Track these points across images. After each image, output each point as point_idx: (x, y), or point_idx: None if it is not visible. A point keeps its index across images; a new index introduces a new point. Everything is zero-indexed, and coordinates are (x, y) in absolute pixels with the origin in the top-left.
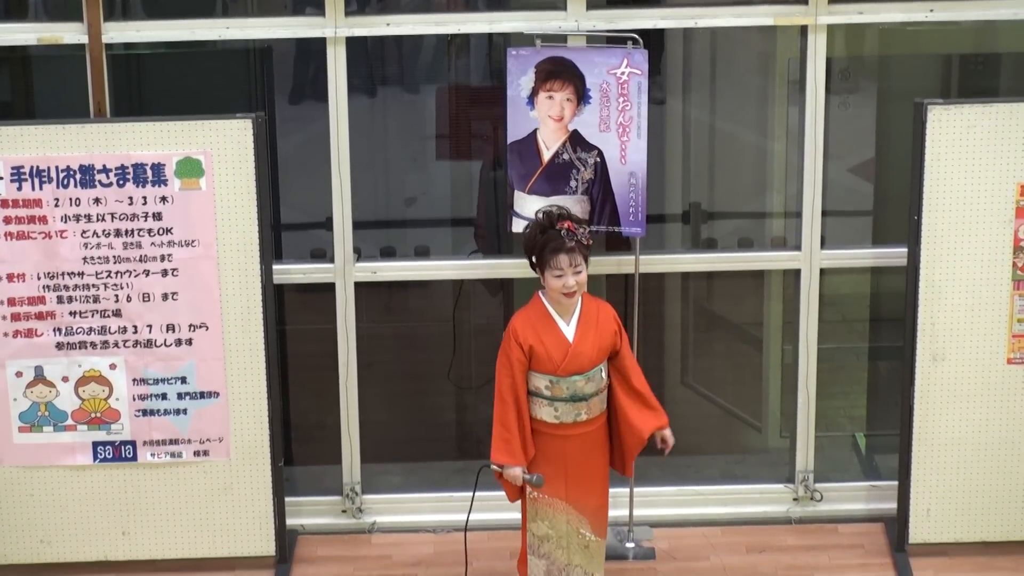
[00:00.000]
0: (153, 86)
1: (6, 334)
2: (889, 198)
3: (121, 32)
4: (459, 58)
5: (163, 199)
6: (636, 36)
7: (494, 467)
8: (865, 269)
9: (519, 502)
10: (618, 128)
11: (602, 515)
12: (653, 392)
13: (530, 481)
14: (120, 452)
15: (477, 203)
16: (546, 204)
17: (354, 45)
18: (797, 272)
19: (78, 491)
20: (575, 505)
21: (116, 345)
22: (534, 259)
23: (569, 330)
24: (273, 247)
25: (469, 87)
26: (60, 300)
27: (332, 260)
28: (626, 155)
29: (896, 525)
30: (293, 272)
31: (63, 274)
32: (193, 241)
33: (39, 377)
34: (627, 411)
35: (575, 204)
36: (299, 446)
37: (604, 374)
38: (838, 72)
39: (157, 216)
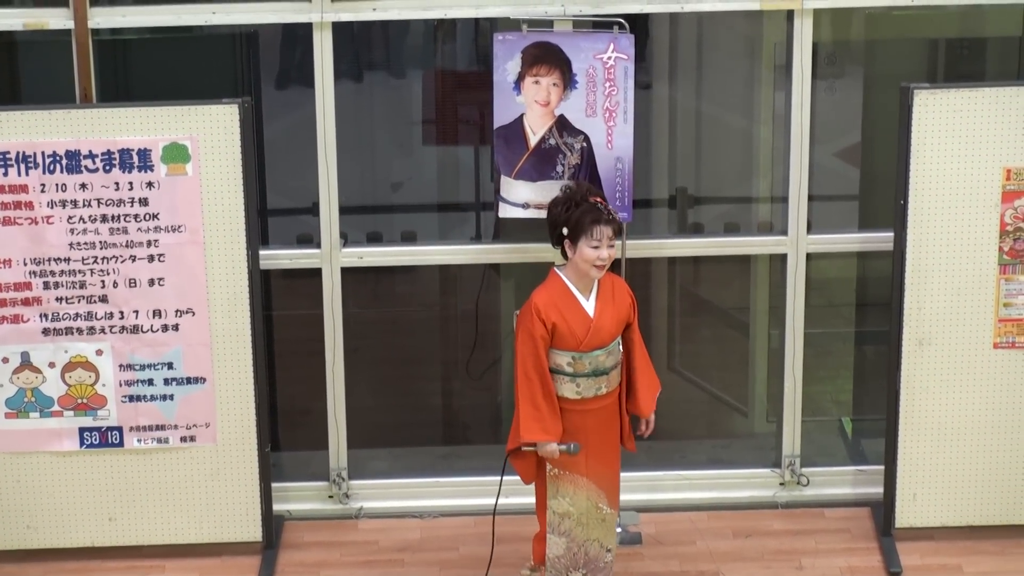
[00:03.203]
0: (139, 71)
1: None
2: (875, 183)
3: (107, 17)
4: (446, 43)
5: (149, 184)
6: (622, 21)
7: (523, 447)
8: (851, 254)
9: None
10: (604, 113)
11: (616, 486)
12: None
13: (567, 451)
14: (106, 438)
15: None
16: (533, 189)
17: (340, 30)
18: (783, 257)
19: (64, 477)
20: (595, 480)
21: (102, 331)
22: (566, 231)
23: (590, 305)
24: (259, 232)
25: (455, 72)
26: (46, 286)
27: (319, 245)
28: (612, 140)
29: (882, 509)
30: (280, 257)
31: (49, 260)
32: (179, 227)
33: (25, 363)
34: (634, 386)
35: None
36: (286, 432)
37: (619, 347)
38: (824, 57)
39: (143, 202)
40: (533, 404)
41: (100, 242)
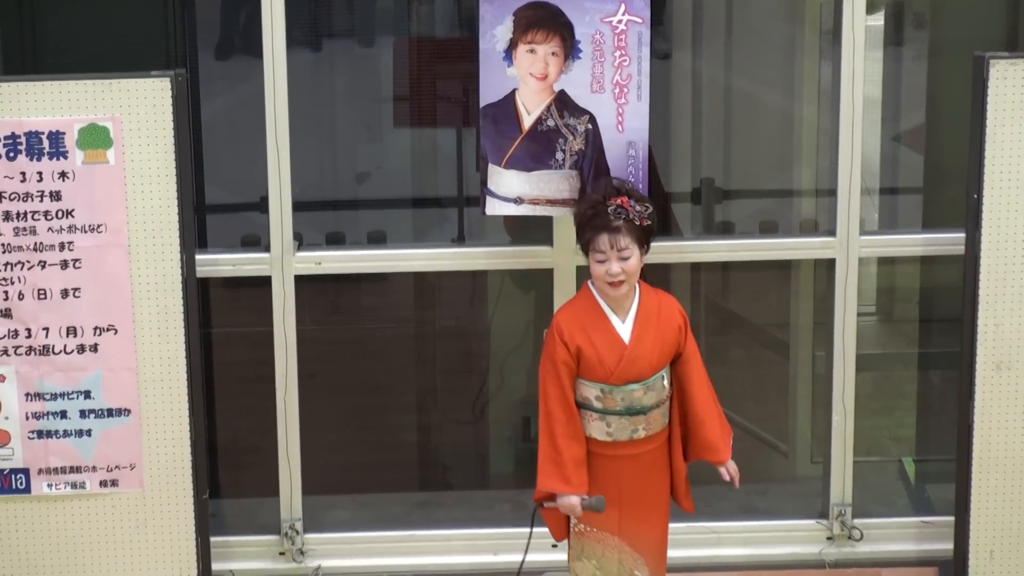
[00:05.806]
0: (50, 39)
1: None
2: (943, 172)
3: None
4: (421, 4)
5: (62, 175)
6: None
7: (545, 504)
8: (914, 259)
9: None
10: (614, 88)
11: (661, 553)
12: None
13: (590, 506)
14: (10, 483)
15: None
16: (528, 181)
17: None
18: (831, 262)
19: None
20: (629, 541)
21: (5, 352)
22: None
23: (625, 328)
24: (196, 233)
25: (434, 39)
26: None
27: (268, 249)
28: (623, 121)
29: (952, 569)
30: (221, 263)
31: None
32: (99, 226)
33: None
34: (700, 426)
35: (562, 180)
36: (228, 474)
37: (666, 382)
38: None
39: (55, 196)
40: (553, 446)
41: (3, 245)
